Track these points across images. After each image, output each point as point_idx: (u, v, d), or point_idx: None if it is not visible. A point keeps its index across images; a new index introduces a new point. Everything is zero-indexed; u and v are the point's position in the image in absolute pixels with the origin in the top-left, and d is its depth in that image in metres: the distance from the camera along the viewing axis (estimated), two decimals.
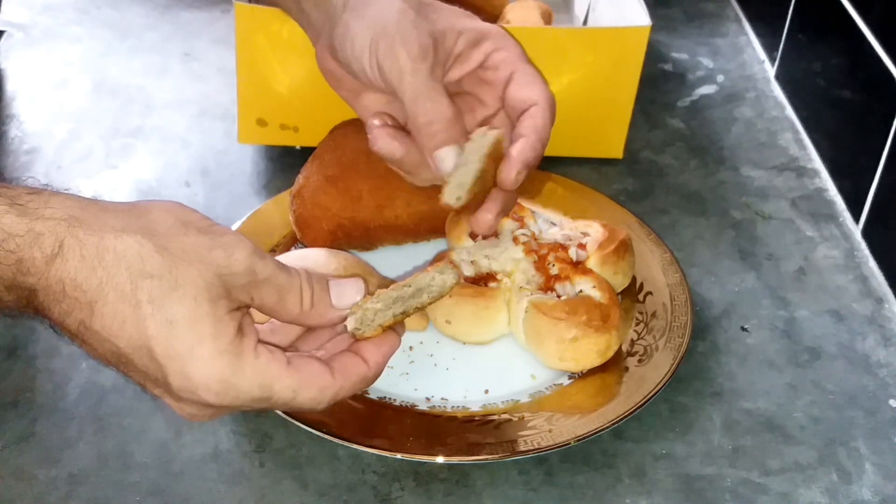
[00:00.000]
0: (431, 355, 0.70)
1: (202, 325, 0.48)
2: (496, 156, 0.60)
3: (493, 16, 1.02)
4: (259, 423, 0.66)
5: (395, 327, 0.55)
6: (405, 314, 0.54)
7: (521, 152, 0.60)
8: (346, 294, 0.54)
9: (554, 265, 0.72)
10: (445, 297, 0.69)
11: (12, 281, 0.48)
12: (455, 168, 0.58)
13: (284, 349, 0.53)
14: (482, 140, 0.59)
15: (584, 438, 0.63)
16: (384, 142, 0.62)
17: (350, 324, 0.53)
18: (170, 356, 0.48)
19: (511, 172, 0.60)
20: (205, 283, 0.49)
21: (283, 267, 0.52)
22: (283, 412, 0.63)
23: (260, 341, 0.51)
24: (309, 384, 0.51)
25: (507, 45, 0.63)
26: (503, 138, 0.60)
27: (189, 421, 0.53)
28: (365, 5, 0.62)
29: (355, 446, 0.62)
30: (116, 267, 0.48)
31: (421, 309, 0.55)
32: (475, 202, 0.61)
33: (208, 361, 0.49)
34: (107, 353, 0.50)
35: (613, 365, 0.69)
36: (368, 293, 0.54)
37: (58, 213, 0.48)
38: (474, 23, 0.64)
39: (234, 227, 0.78)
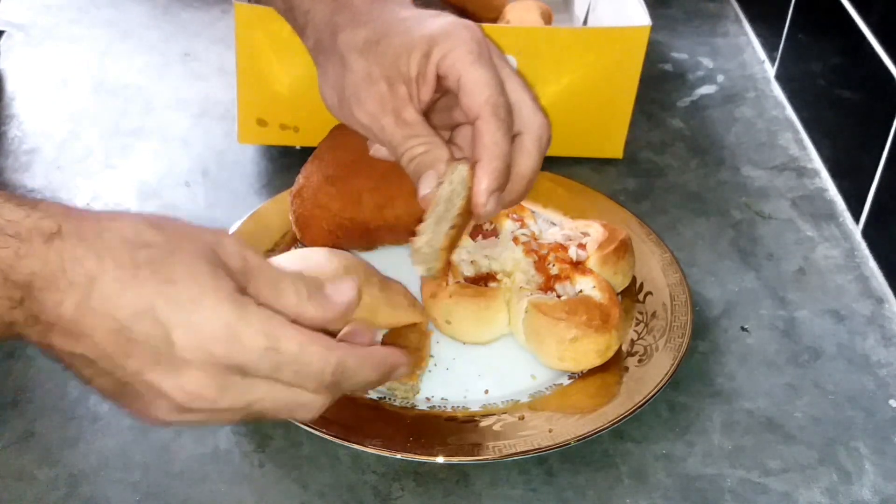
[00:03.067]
0: (432, 355, 0.70)
1: (203, 279, 0.48)
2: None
3: (493, 16, 1.03)
4: (259, 423, 0.66)
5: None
6: (454, 228, 0.54)
7: (478, 182, 0.56)
8: (343, 290, 0.53)
9: (554, 265, 0.72)
10: (445, 298, 0.69)
11: (10, 268, 0.48)
12: (421, 233, 0.55)
13: None
14: (449, 192, 0.56)
15: (584, 438, 0.63)
16: (375, 148, 0.64)
17: (420, 271, 0.53)
18: (172, 310, 0.48)
19: (478, 207, 0.56)
20: (201, 252, 0.49)
21: (272, 263, 0.52)
22: None
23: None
24: (314, 339, 0.50)
25: (455, 44, 0.58)
26: (468, 171, 0.57)
27: (192, 418, 0.50)
28: (324, 59, 0.63)
29: (355, 446, 0.62)
30: (113, 241, 0.48)
31: (462, 217, 0.55)
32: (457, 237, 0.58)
33: (213, 308, 0.48)
34: (105, 336, 0.49)
35: (613, 365, 0.69)
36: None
37: (53, 206, 0.49)
38: (424, 26, 0.59)
39: (235, 226, 0.78)
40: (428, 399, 0.67)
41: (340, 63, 0.61)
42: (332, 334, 0.53)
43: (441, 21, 0.59)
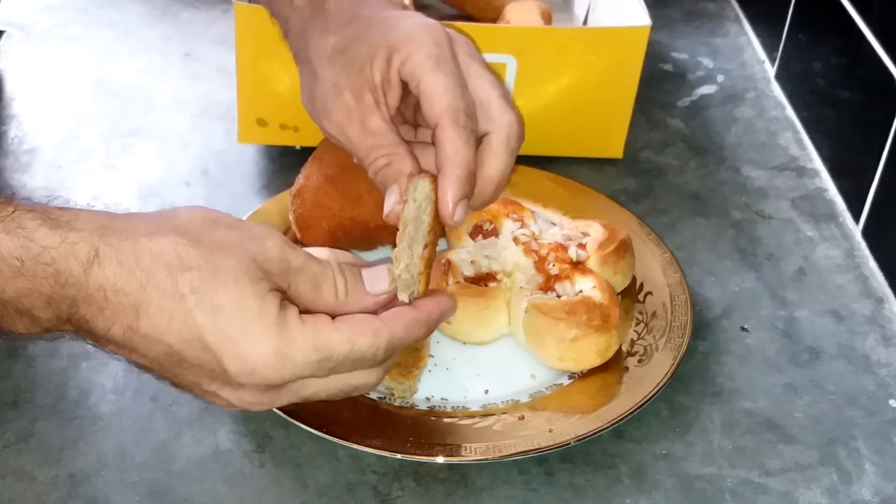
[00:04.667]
0: (432, 355, 0.70)
1: (248, 305, 0.49)
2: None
3: (493, 16, 1.03)
4: (259, 422, 0.66)
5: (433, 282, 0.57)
6: (427, 247, 0.54)
7: (442, 193, 0.55)
8: (378, 279, 0.54)
9: (554, 265, 0.72)
10: None
11: (51, 295, 0.49)
12: (397, 260, 0.54)
13: None
14: (415, 213, 0.55)
15: (584, 438, 0.63)
16: None
17: (402, 297, 0.54)
18: (222, 341, 0.49)
19: (446, 219, 0.55)
20: (243, 268, 0.50)
21: (314, 257, 0.53)
22: (292, 411, 0.63)
23: (302, 312, 0.52)
24: (360, 330, 0.52)
25: (414, 49, 0.56)
26: (432, 184, 0.55)
27: (252, 410, 0.54)
28: (301, 67, 0.62)
29: (355, 446, 0.62)
30: (155, 266, 0.49)
31: (433, 231, 0.55)
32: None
33: (260, 337, 0.49)
34: (159, 355, 0.50)
35: (613, 365, 0.69)
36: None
37: (89, 223, 0.49)
38: (389, 31, 0.58)
39: None
40: (428, 399, 0.67)
41: (311, 72, 0.60)
42: None
43: (406, 23, 0.58)
